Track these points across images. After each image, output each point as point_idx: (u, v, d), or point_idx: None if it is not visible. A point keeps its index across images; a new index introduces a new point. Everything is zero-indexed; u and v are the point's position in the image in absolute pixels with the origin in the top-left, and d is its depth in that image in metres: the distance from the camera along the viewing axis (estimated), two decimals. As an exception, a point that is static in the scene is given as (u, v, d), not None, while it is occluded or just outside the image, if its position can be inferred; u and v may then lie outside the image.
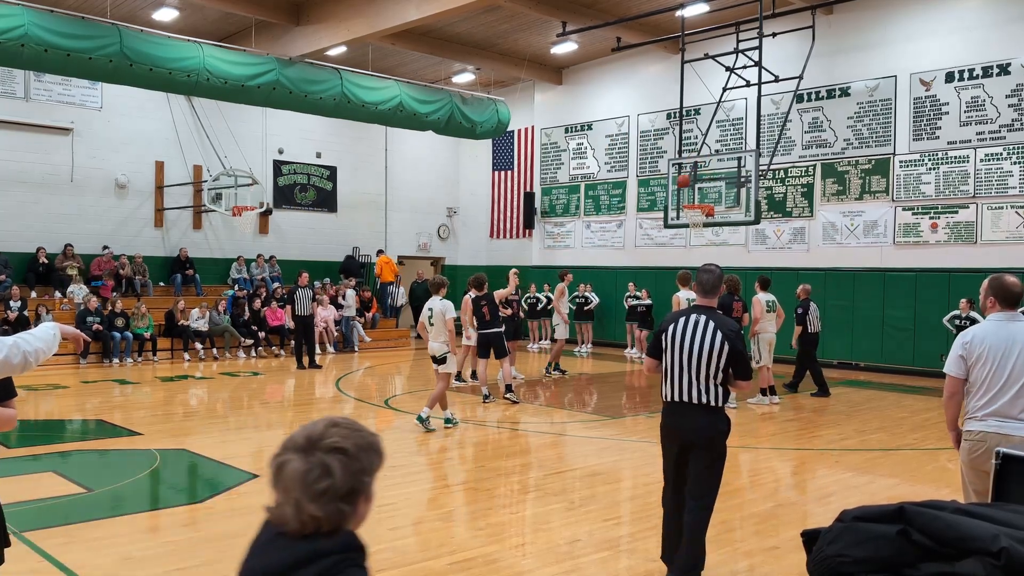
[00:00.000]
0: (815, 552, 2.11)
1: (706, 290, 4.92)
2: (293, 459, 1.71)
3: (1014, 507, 2.08)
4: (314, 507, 1.62)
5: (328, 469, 1.64)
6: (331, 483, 1.63)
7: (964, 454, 4.45)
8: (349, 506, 1.66)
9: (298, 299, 15.42)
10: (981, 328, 4.44)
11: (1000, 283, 4.46)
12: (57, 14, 13.62)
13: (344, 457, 1.66)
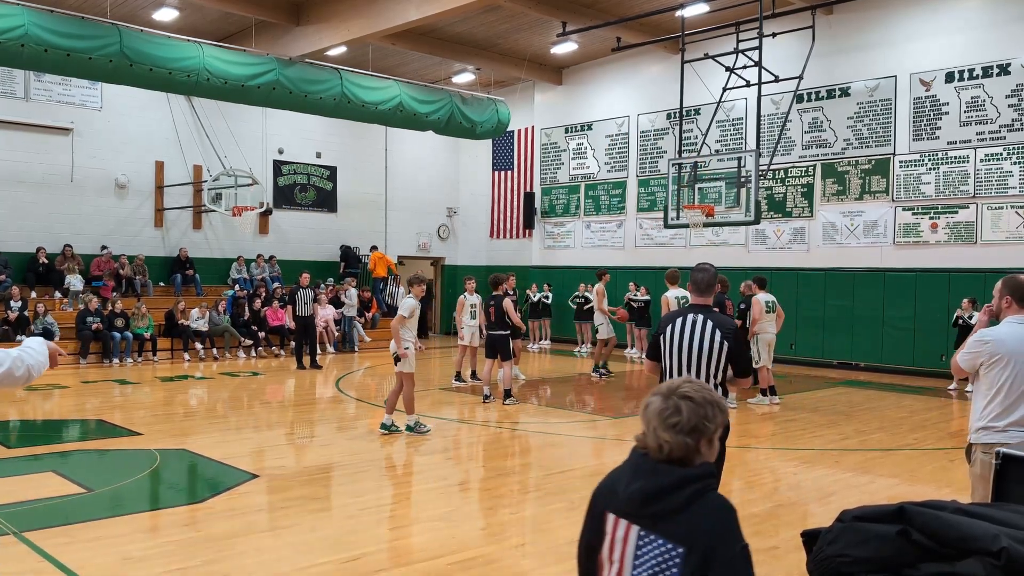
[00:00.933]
0: (815, 552, 2.11)
1: (701, 289, 4.93)
2: (655, 400, 2.23)
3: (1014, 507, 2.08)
4: (666, 435, 2.16)
5: (678, 408, 2.17)
6: (679, 419, 2.17)
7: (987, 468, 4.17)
8: (693, 441, 2.15)
9: (299, 299, 15.41)
10: (1003, 331, 4.28)
11: (1017, 282, 4.33)
12: (57, 14, 13.61)
13: (691, 403, 2.18)
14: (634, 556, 2.16)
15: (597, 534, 2.30)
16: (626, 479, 2.23)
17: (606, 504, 2.29)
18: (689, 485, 2.13)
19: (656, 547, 2.11)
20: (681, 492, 2.12)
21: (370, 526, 6.06)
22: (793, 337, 16.09)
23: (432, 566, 5.17)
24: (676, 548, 2.08)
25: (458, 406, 11.63)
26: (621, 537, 2.20)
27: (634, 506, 2.18)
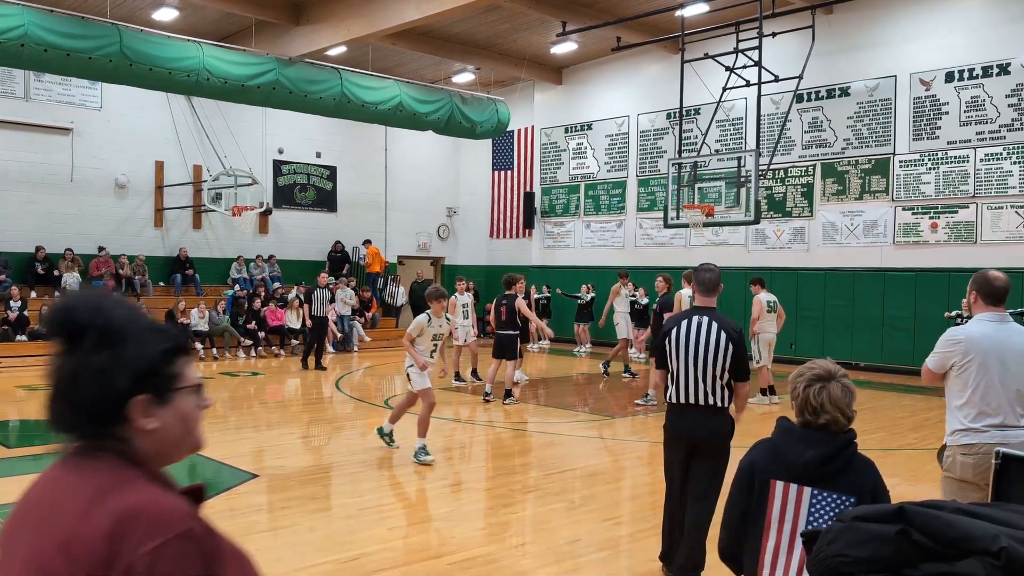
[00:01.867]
0: (815, 552, 2.11)
1: (708, 289, 4.91)
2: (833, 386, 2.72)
3: (1014, 507, 2.08)
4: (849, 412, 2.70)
5: (850, 390, 2.73)
6: (851, 399, 2.69)
7: (968, 470, 4.19)
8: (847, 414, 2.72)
9: (316, 299, 15.33)
10: (973, 329, 4.23)
11: (984, 278, 4.26)
12: (57, 14, 13.61)
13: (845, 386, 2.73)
14: (808, 512, 2.65)
15: (759, 501, 2.72)
16: (797, 450, 2.67)
17: (770, 474, 2.70)
18: (849, 447, 2.67)
19: (830, 500, 2.63)
20: (845, 453, 2.66)
21: (370, 526, 6.06)
22: (793, 337, 16.08)
23: (432, 566, 5.17)
24: (849, 498, 2.61)
25: (458, 406, 11.64)
26: (793, 498, 2.67)
27: (812, 469, 2.64)
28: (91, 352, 1.34)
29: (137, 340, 1.36)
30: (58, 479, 1.37)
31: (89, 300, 1.39)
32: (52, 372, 1.37)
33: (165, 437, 1.38)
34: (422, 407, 8.15)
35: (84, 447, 1.36)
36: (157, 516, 1.26)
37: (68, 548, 1.25)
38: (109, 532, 1.24)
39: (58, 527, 1.28)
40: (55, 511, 1.31)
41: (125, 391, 1.34)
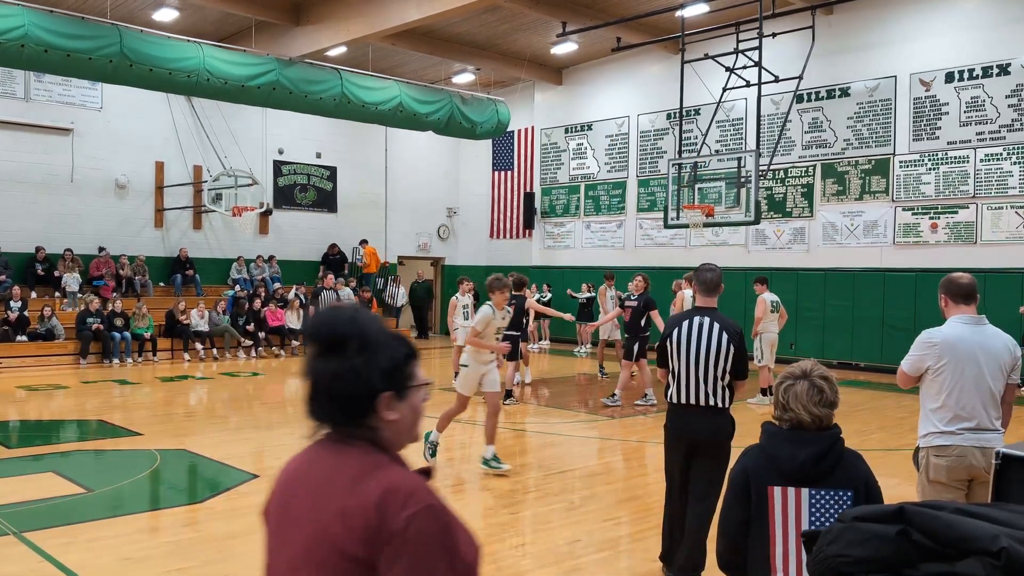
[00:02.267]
0: (815, 552, 2.11)
1: (709, 289, 4.92)
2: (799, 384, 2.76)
3: (1014, 507, 2.08)
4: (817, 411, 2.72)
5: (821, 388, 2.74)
6: (823, 396, 2.74)
7: (941, 472, 4.19)
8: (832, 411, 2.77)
9: (322, 300, 15.25)
10: (947, 331, 4.22)
11: (949, 280, 4.30)
12: (57, 14, 13.61)
13: (828, 383, 2.76)
14: (809, 512, 2.72)
15: (759, 509, 2.76)
16: (788, 452, 2.73)
17: (766, 480, 2.75)
18: (838, 443, 2.74)
19: (829, 497, 2.71)
20: (835, 449, 2.72)
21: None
22: (793, 337, 16.07)
23: (432, 566, 5.16)
24: (846, 492, 2.69)
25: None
26: (793, 501, 2.73)
27: (807, 469, 2.70)
28: (351, 357, 1.64)
29: (385, 347, 1.67)
30: (320, 460, 1.69)
31: (347, 314, 1.70)
32: (311, 372, 1.68)
33: (401, 427, 1.70)
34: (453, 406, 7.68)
35: (340, 433, 1.68)
36: (410, 490, 1.59)
37: (343, 514, 1.58)
38: (376, 502, 1.56)
39: (332, 498, 1.61)
40: (327, 485, 1.64)
41: (376, 389, 1.65)
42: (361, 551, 1.54)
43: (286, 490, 1.73)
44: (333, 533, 1.57)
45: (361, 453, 1.65)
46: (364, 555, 1.54)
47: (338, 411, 1.66)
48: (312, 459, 1.71)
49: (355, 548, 1.55)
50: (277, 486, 1.76)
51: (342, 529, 1.56)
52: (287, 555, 1.67)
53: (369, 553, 1.54)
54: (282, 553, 1.69)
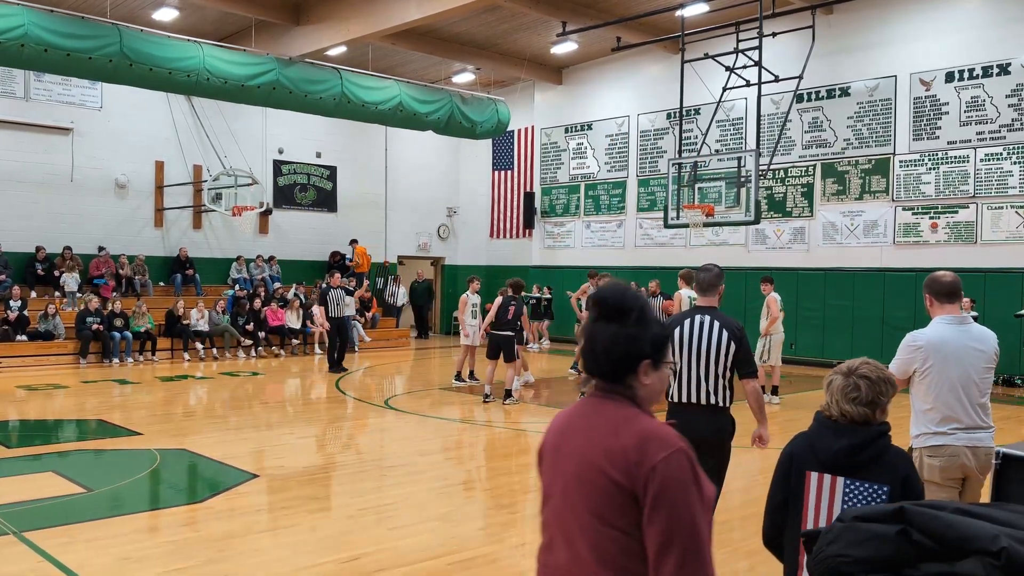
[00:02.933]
0: (815, 552, 2.11)
1: (705, 289, 4.93)
2: (837, 379, 2.84)
3: (1014, 507, 2.08)
4: (847, 407, 2.79)
5: (857, 386, 2.80)
6: (858, 395, 2.79)
7: (935, 472, 4.20)
8: (869, 411, 2.81)
9: (331, 299, 15.09)
10: (931, 333, 4.21)
11: (933, 279, 4.31)
12: (57, 14, 13.61)
13: (868, 382, 2.80)
14: (842, 501, 2.80)
15: (796, 490, 2.87)
16: (828, 441, 2.82)
17: (805, 465, 2.86)
18: (881, 439, 2.80)
19: (863, 489, 2.78)
20: (877, 444, 2.78)
21: (370, 526, 6.06)
22: (793, 337, 16.07)
23: (432, 566, 5.17)
24: (882, 487, 2.75)
25: (458, 406, 11.64)
26: (828, 488, 2.84)
27: (841, 458, 2.78)
28: (631, 325, 2.04)
29: (654, 324, 2.06)
30: (588, 409, 2.11)
31: (631, 291, 2.10)
32: (594, 333, 2.07)
33: (651, 391, 2.07)
34: None
35: (606, 388, 2.08)
36: (664, 436, 1.95)
37: (609, 452, 1.96)
38: (636, 445, 1.93)
39: (599, 439, 2.01)
40: (594, 429, 2.05)
41: (643, 354, 2.04)
42: (623, 480, 1.91)
43: (560, 433, 2.18)
44: (599, 465, 1.96)
45: (621, 406, 2.04)
46: (625, 483, 1.91)
47: (610, 367, 2.06)
48: (582, 409, 2.13)
49: (617, 477, 1.92)
50: (551, 430, 2.23)
51: (606, 463, 1.95)
52: (561, 482, 2.09)
53: (629, 483, 1.91)
54: (556, 480, 2.11)
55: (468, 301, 13.05)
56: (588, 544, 1.96)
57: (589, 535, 1.97)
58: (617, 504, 1.92)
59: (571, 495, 2.03)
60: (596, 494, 1.96)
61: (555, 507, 2.10)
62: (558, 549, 2.05)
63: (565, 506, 2.05)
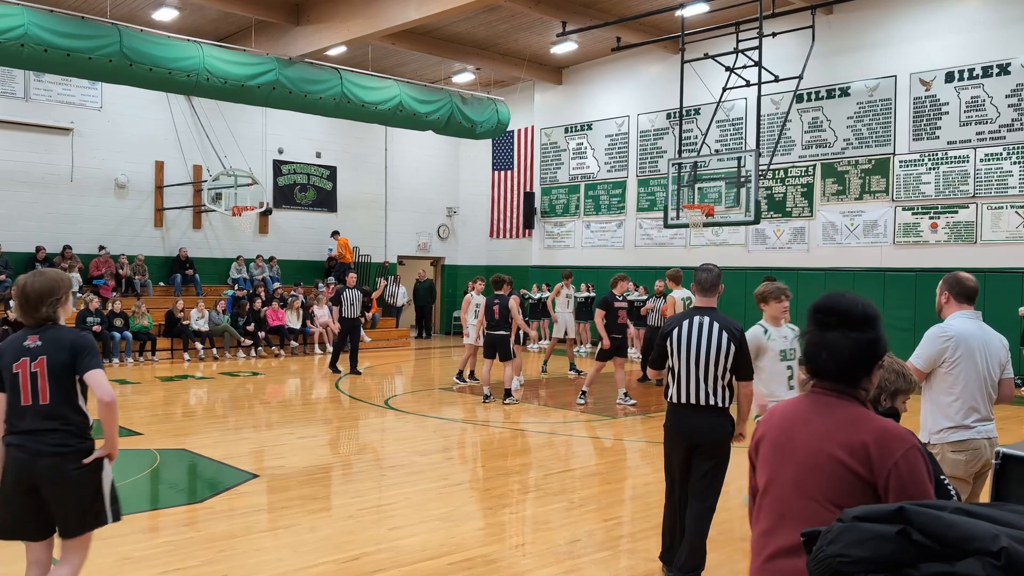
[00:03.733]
0: (815, 552, 2.11)
1: (705, 289, 4.92)
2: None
3: (1014, 507, 2.08)
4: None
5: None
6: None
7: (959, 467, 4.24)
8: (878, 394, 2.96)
9: (345, 300, 14.97)
10: (959, 325, 4.30)
11: (957, 279, 4.41)
12: (57, 14, 13.61)
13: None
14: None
15: None
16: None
17: None
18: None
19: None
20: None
21: (370, 526, 6.06)
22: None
23: (432, 566, 5.17)
24: None
25: (458, 406, 11.64)
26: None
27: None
28: (866, 331, 2.24)
29: (882, 328, 2.26)
30: (816, 407, 2.31)
31: (863, 298, 2.32)
32: (836, 342, 2.27)
33: (871, 390, 2.35)
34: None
35: (836, 388, 2.29)
36: (900, 434, 2.18)
37: (847, 446, 2.19)
38: (875, 440, 2.17)
39: (834, 434, 2.22)
40: (829, 425, 2.25)
41: (877, 357, 2.27)
42: (862, 471, 2.15)
43: (783, 427, 2.37)
44: (837, 456, 2.19)
45: (851, 405, 2.26)
46: (864, 474, 2.15)
47: (849, 371, 2.27)
48: (810, 407, 2.33)
49: (857, 467, 2.16)
50: (772, 425, 2.42)
51: (845, 455, 2.18)
52: (791, 470, 2.27)
53: (869, 474, 2.15)
54: (785, 469, 2.30)
55: (472, 301, 13.13)
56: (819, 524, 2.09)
57: (820, 516, 2.15)
58: (852, 490, 2.17)
59: (804, 482, 2.25)
60: (833, 482, 2.19)
61: (780, 494, 2.31)
62: (782, 533, 2.25)
63: (794, 492, 2.27)
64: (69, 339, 3.77)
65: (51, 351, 3.71)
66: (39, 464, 3.72)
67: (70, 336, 3.79)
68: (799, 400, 2.35)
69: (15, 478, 3.77)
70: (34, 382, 3.71)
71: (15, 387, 3.75)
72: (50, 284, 3.79)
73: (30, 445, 3.74)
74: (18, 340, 3.80)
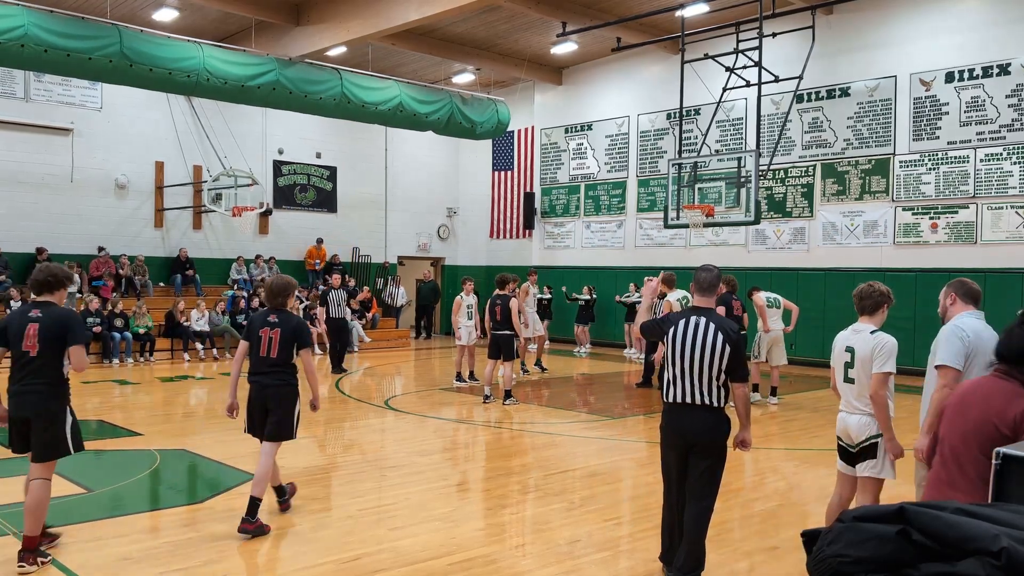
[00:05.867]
0: (815, 552, 2.11)
1: (703, 289, 4.93)
2: None
3: (1014, 507, 2.08)
4: None
5: None
6: None
7: None
8: None
9: (331, 301, 15.09)
10: (975, 325, 4.33)
11: (963, 283, 4.52)
12: (57, 14, 13.61)
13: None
14: None
15: None
16: None
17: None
18: None
19: None
20: None
21: (370, 526, 6.06)
22: (793, 337, 16.05)
23: (432, 566, 5.17)
24: None
25: (458, 406, 11.64)
26: None
27: None
28: None
29: None
30: (989, 385, 3.15)
31: None
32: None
33: None
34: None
35: (1009, 372, 3.09)
36: None
37: (1000, 413, 3.04)
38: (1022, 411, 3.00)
39: (995, 404, 3.07)
40: (992, 397, 3.09)
41: None
42: (1008, 433, 2.96)
43: (962, 398, 3.24)
44: (993, 422, 3.04)
45: (1013, 385, 3.06)
46: (1009, 435, 2.93)
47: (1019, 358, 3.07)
48: (985, 385, 3.18)
49: (1004, 431, 2.98)
50: (956, 395, 3.34)
51: (999, 421, 3.02)
52: (961, 431, 3.14)
53: (1013, 435, 2.93)
54: (957, 429, 3.17)
55: (463, 302, 13.13)
56: (975, 471, 3.02)
57: (978, 465, 3.01)
58: (997, 445, 2.76)
59: (970, 440, 3.09)
60: (988, 441, 2.89)
61: (953, 448, 3.17)
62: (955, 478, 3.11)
63: (963, 447, 3.11)
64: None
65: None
66: None
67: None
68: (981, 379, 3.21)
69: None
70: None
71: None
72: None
73: None
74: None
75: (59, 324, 5.04)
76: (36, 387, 5.16)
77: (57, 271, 5.27)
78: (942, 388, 4.30)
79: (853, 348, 4.79)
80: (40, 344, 5.02)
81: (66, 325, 5.06)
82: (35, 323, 5.02)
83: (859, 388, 4.78)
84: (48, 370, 5.14)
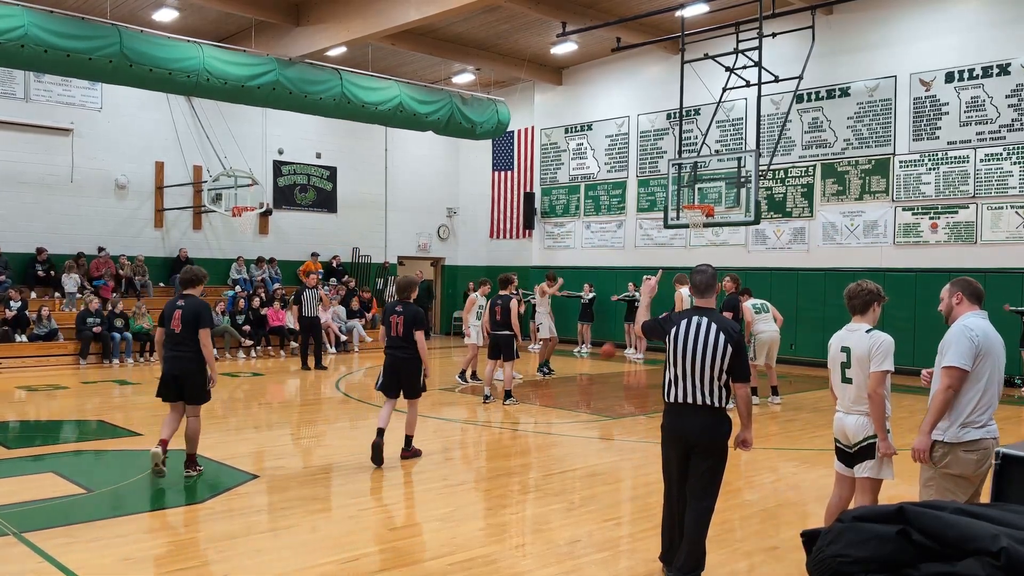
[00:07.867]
0: (815, 552, 2.11)
1: (701, 290, 4.92)
2: None
3: (1014, 507, 2.08)
4: None
5: None
6: None
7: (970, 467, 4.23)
8: None
9: (305, 300, 15.34)
10: (983, 325, 4.32)
11: (967, 282, 4.47)
12: (57, 14, 13.61)
13: None
14: None
15: None
16: None
17: None
18: None
19: None
20: None
21: (370, 526, 6.06)
22: (793, 337, 16.08)
23: (432, 566, 5.17)
24: None
25: (458, 406, 11.64)
26: None
27: None
28: None
29: None
30: None
31: None
32: None
33: None
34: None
35: None
36: None
37: None
38: None
39: None
40: None
41: None
42: None
43: None
44: None
45: None
46: None
47: None
48: None
49: None
50: None
51: None
52: None
53: None
54: None
55: (476, 302, 13.18)
56: None
57: None
58: None
59: None
60: None
61: None
62: None
63: None
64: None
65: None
66: None
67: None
68: None
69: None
70: None
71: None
72: None
73: None
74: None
75: (194, 312, 7.03)
76: (181, 354, 7.07)
77: (197, 272, 7.30)
78: (946, 389, 4.28)
79: (849, 348, 4.76)
80: (182, 325, 7.00)
81: (198, 313, 7.04)
82: (179, 310, 7.05)
83: (857, 388, 4.75)
84: (189, 342, 7.03)
